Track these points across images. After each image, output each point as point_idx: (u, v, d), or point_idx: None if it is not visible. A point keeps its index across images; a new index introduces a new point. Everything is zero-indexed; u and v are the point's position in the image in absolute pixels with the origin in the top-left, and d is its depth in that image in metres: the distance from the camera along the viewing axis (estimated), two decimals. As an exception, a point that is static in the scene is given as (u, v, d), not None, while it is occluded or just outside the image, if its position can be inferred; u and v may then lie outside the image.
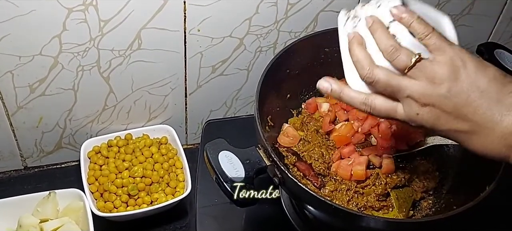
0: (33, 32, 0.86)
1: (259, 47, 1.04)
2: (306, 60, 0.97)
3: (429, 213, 0.89)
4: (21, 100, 0.95)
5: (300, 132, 0.94)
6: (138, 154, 1.03)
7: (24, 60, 0.89)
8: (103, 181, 0.99)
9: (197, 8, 0.92)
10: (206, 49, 1.00)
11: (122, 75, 0.98)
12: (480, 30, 1.19)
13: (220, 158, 0.75)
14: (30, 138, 1.03)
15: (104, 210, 0.97)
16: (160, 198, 0.99)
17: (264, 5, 0.96)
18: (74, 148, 1.08)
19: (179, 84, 1.04)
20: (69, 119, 1.02)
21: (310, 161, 0.91)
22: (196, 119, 1.14)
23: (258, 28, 1.00)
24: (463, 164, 0.92)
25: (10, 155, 1.04)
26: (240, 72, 1.07)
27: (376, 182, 0.87)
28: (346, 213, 0.74)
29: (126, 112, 1.06)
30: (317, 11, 1.01)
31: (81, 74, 0.95)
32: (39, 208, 0.94)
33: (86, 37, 0.89)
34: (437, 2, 1.08)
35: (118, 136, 1.06)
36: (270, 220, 0.98)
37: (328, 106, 0.96)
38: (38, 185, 1.05)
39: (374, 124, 0.91)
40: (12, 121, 0.98)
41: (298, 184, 0.73)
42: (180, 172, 1.04)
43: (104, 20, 0.88)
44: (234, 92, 1.11)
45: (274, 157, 0.75)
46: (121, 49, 0.93)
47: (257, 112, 0.81)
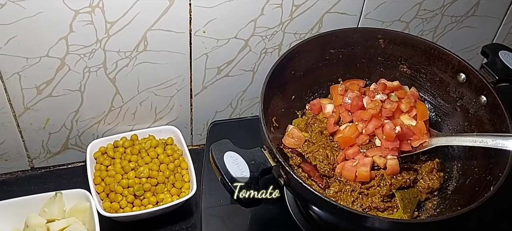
0: (40, 34, 0.86)
1: (264, 49, 1.04)
2: (311, 62, 0.97)
3: (434, 214, 0.89)
4: (28, 101, 0.96)
5: (305, 133, 0.95)
6: (144, 154, 1.03)
7: (31, 62, 0.90)
8: (109, 182, 1.00)
9: (203, 9, 0.93)
10: (211, 50, 1.00)
11: (128, 76, 0.98)
12: (485, 32, 1.19)
13: (226, 159, 0.75)
14: (37, 138, 1.03)
15: (110, 210, 0.98)
16: (165, 198, 0.99)
17: (269, 6, 0.96)
18: (81, 149, 1.09)
19: (185, 86, 1.05)
20: (75, 120, 1.03)
21: (315, 162, 0.91)
22: (202, 120, 1.15)
23: (263, 29, 1.00)
24: (467, 164, 0.92)
25: (17, 155, 1.05)
26: (245, 74, 1.07)
27: (380, 183, 0.87)
28: (351, 213, 0.74)
29: (132, 113, 1.06)
30: (322, 12, 1.01)
31: (87, 75, 0.95)
32: (45, 209, 0.94)
33: (93, 38, 0.90)
34: (442, 4, 1.08)
35: (124, 137, 1.07)
36: (275, 220, 0.98)
37: (332, 108, 0.96)
38: (44, 186, 1.06)
39: (378, 125, 0.91)
40: (19, 122, 0.99)
41: (304, 184, 0.74)
42: (186, 172, 1.05)
43: (110, 22, 0.89)
44: (239, 94, 1.12)
45: (279, 158, 0.76)
46: (127, 50, 0.94)
47: (262, 114, 0.82)
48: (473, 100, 0.92)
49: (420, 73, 0.99)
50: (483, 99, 0.90)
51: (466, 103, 0.94)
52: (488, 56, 0.97)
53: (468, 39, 1.19)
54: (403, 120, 0.92)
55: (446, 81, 0.96)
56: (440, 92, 0.98)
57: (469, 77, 0.92)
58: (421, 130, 0.91)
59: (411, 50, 0.98)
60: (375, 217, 0.79)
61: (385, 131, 0.89)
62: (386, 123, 0.90)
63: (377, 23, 1.08)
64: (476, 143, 0.84)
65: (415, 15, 1.09)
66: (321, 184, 0.89)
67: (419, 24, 1.11)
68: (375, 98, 0.94)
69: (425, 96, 1.00)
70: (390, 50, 0.99)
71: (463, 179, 0.91)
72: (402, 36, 0.99)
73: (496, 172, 0.81)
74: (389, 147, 0.89)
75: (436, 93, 0.99)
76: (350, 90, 0.96)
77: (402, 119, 0.92)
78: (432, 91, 0.99)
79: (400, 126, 0.88)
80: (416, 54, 0.98)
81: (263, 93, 0.85)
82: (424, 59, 0.98)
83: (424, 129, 0.91)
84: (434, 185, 0.91)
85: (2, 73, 0.90)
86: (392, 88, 0.96)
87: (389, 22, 1.09)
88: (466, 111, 0.94)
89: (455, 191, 0.91)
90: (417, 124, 0.91)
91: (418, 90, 0.99)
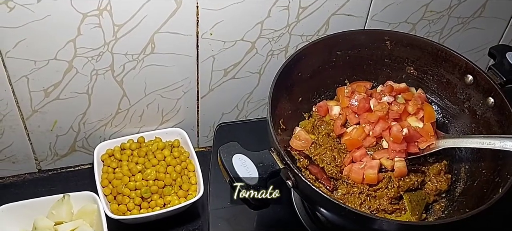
0: (48, 37, 0.87)
1: (271, 51, 1.04)
2: (317, 64, 0.97)
3: (442, 216, 0.89)
4: (36, 104, 0.96)
5: (312, 135, 0.95)
6: (150, 157, 1.04)
7: (39, 64, 0.90)
8: (117, 184, 1.00)
9: (210, 12, 0.93)
10: (218, 53, 1.00)
11: (135, 79, 0.99)
12: (492, 33, 1.19)
13: (234, 161, 0.75)
14: (45, 141, 1.04)
15: (117, 212, 0.98)
16: (173, 200, 1.00)
17: (276, 9, 0.97)
18: (88, 151, 1.09)
19: (192, 88, 1.05)
20: (82, 123, 1.03)
21: (322, 164, 0.91)
22: (208, 122, 1.15)
23: (270, 31, 1.00)
24: (475, 166, 0.92)
25: (24, 158, 1.05)
26: (252, 76, 1.08)
27: (388, 185, 0.87)
28: (360, 216, 0.74)
29: (139, 115, 1.07)
30: (328, 14, 1.01)
31: (95, 78, 0.96)
32: (53, 211, 0.95)
33: (100, 41, 0.90)
34: (449, 5, 1.08)
35: (131, 139, 1.07)
36: (282, 222, 0.98)
37: (339, 110, 0.96)
38: (51, 188, 1.06)
39: (385, 127, 0.91)
40: (27, 124, 0.99)
41: (312, 187, 0.74)
42: (192, 174, 1.05)
43: (118, 24, 0.89)
44: (245, 96, 1.12)
45: (288, 160, 0.76)
46: (135, 53, 0.94)
47: (270, 116, 0.82)
48: (481, 102, 0.92)
49: (427, 75, 0.99)
50: (491, 101, 0.90)
51: (473, 105, 0.94)
52: (496, 58, 0.96)
53: (475, 41, 1.19)
54: (410, 122, 0.92)
55: (453, 83, 0.96)
56: (447, 94, 0.98)
57: (476, 79, 0.92)
58: (428, 132, 0.90)
59: (418, 52, 0.98)
60: (383, 219, 0.79)
61: (392, 133, 0.89)
62: (393, 125, 0.90)
63: (383, 25, 1.08)
64: (483, 145, 0.84)
65: (422, 17, 1.09)
66: (329, 186, 0.89)
67: (425, 25, 1.11)
68: (382, 100, 0.94)
69: (432, 98, 1.00)
70: (397, 51, 0.99)
71: (471, 181, 0.91)
72: (409, 37, 0.99)
73: (504, 174, 0.81)
74: (396, 149, 0.89)
75: (443, 95, 0.99)
76: (356, 92, 0.96)
77: (409, 121, 0.92)
78: (439, 93, 0.99)
79: (407, 128, 0.88)
80: (423, 55, 0.98)
81: (270, 96, 0.85)
82: (431, 60, 0.97)
83: (431, 131, 0.91)
84: (442, 187, 0.91)
85: (11, 76, 0.90)
86: (399, 91, 0.96)
87: (396, 24, 1.09)
88: (473, 113, 0.94)
89: (463, 193, 0.91)
90: (424, 126, 0.91)
91: (425, 92, 0.99)
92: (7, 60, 0.88)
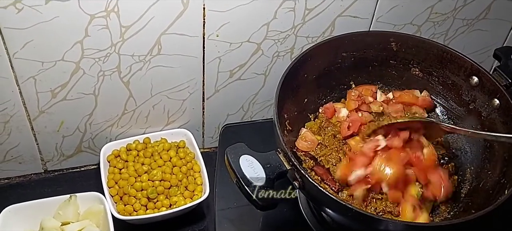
0: (55, 38, 0.87)
1: (277, 52, 1.04)
2: (323, 65, 0.97)
3: (447, 217, 0.89)
4: (43, 105, 0.97)
5: (318, 136, 0.95)
6: (156, 157, 1.04)
7: (46, 66, 0.91)
8: (123, 185, 1.00)
9: (216, 13, 0.93)
10: (224, 54, 1.01)
11: (141, 80, 0.99)
12: (497, 35, 1.19)
13: (241, 162, 0.75)
14: (51, 142, 1.04)
15: (124, 213, 0.98)
16: (179, 201, 1.00)
17: (282, 10, 0.97)
18: (94, 152, 1.09)
19: (197, 89, 1.05)
20: (89, 123, 1.03)
21: (328, 165, 0.91)
22: (213, 123, 1.15)
23: (276, 33, 1.01)
24: (481, 167, 0.92)
25: (31, 158, 1.06)
26: (257, 77, 1.08)
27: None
28: (366, 217, 0.74)
29: (145, 116, 1.07)
30: (334, 16, 1.02)
31: (101, 79, 0.96)
32: (60, 211, 0.95)
33: (108, 42, 0.91)
34: (454, 7, 1.09)
35: (137, 140, 1.07)
36: (288, 222, 0.98)
37: (347, 112, 0.96)
38: (58, 188, 1.07)
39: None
40: (34, 125, 1.00)
41: (319, 188, 0.74)
42: (198, 175, 1.05)
43: (125, 26, 0.89)
44: (251, 97, 1.12)
45: (295, 161, 0.76)
46: (141, 54, 0.95)
47: (276, 117, 0.82)
48: (486, 103, 0.92)
49: (432, 76, 0.99)
50: (496, 102, 0.90)
51: (478, 106, 0.94)
52: (501, 59, 0.97)
53: (480, 42, 1.19)
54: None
55: (459, 85, 0.96)
56: (453, 95, 0.98)
57: (481, 81, 0.92)
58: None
59: (424, 54, 0.98)
60: (389, 220, 0.79)
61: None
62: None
63: (388, 27, 1.08)
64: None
65: (427, 18, 1.09)
66: (334, 187, 0.89)
67: (430, 27, 1.11)
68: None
69: (438, 99, 1.00)
70: (402, 53, 0.99)
71: (476, 182, 0.91)
72: (414, 39, 0.99)
73: (510, 175, 0.82)
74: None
75: (449, 96, 0.99)
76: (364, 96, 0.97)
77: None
78: (444, 95, 0.99)
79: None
80: (429, 57, 0.98)
81: (277, 97, 0.85)
82: (437, 62, 0.98)
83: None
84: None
85: (18, 77, 0.91)
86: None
87: (401, 26, 1.09)
88: (478, 115, 0.94)
89: (469, 194, 0.91)
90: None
91: (430, 94, 0.99)
92: (14, 61, 0.88)
